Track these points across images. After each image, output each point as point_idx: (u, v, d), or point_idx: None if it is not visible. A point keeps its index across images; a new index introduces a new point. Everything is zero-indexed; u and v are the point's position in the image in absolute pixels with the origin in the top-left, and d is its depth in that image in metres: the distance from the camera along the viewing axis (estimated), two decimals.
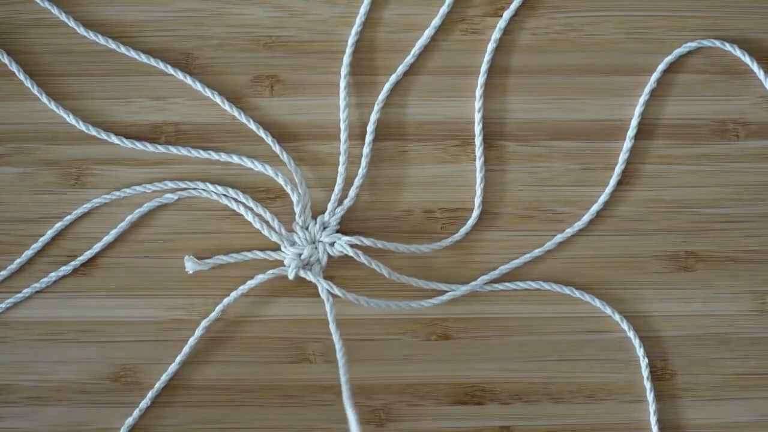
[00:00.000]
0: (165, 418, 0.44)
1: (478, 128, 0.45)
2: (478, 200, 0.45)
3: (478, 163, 0.45)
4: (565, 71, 0.46)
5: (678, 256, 0.45)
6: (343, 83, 0.45)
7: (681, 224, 0.45)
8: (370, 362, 0.44)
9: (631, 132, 0.45)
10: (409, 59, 0.45)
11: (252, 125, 0.44)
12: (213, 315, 0.44)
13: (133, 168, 0.45)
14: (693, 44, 0.45)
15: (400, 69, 0.45)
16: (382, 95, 0.45)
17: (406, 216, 0.45)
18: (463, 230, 0.45)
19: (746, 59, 0.45)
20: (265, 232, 0.44)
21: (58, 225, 0.44)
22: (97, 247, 0.44)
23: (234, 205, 0.44)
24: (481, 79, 0.45)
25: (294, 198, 0.44)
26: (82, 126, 0.44)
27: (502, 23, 0.45)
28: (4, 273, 0.44)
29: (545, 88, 0.46)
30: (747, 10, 0.46)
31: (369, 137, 0.45)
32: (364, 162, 0.45)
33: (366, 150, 0.45)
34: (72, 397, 0.44)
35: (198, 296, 0.44)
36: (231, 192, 0.44)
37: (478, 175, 0.45)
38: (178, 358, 0.44)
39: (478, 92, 0.45)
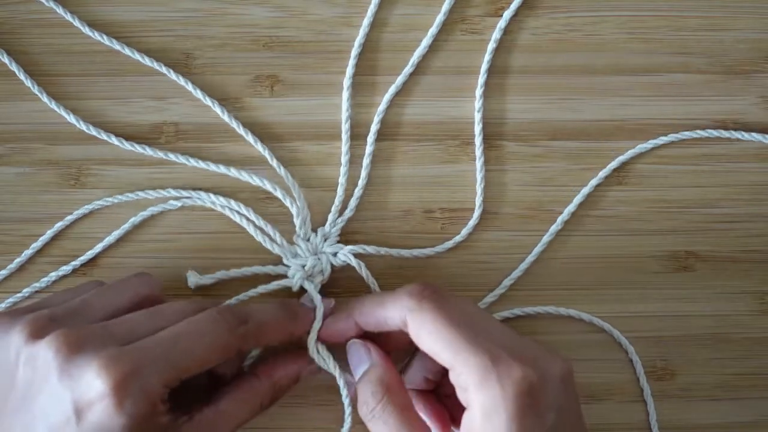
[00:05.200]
0: None
1: (478, 128, 0.45)
2: (479, 200, 0.45)
3: (479, 163, 0.45)
4: (565, 71, 0.46)
5: (678, 256, 0.45)
6: (347, 83, 0.45)
7: (681, 224, 0.45)
8: None
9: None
10: (414, 59, 0.45)
11: (249, 138, 0.44)
12: None
13: (134, 168, 0.45)
14: (666, 139, 0.45)
15: (407, 69, 0.45)
16: (387, 97, 0.45)
17: (406, 216, 0.45)
18: (465, 231, 0.45)
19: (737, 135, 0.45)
20: (267, 245, 0.44)
21: (59, 225, 0.44)
22: (97, 248, 0.44)
23: (237, 218, 0.44)
24: (482, 79, 0.45)
25: (293, 210, 0.44)
26: (82, 126, 0.44)
27: (502, 23, 0.45)
28: (4, 273, 0.44)
29: (545, 88, 0.46)
30: (747, 10, 0.46)
31: (369, 148, 0.45)
32: (363, 174, 0.45)
33: (366, 162, 0.45)
34: None
35: (198, 297, 0.44)
36: (234, 204, 0.44)
37: (479, 175, 0.45)
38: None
39: (478, 92, 0.45)
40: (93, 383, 0.34)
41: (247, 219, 0.44)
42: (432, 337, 0.36)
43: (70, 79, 0.45)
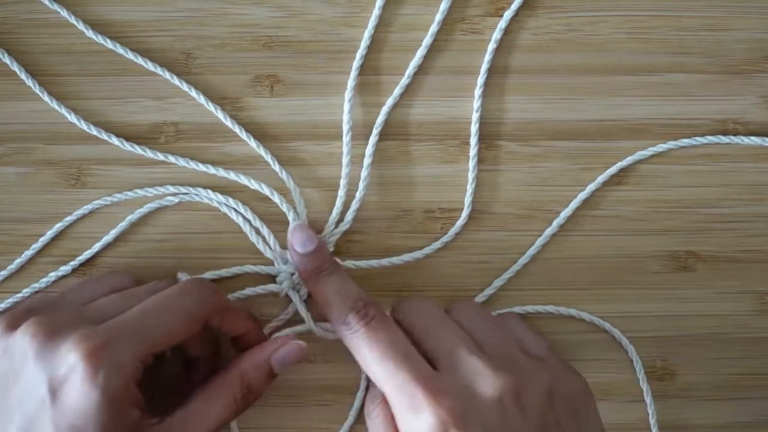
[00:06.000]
0: None
1: (474, 128, 0.45)
2: (468, 200, 0.45)
3: (471, 162, 0.45)
4: (565, 71, 0.46)
5: (678, 256, 0.45)
6: (351, 83, 0.45)
7: (681, 224, 0.45)
8: None
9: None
10: (417, 60, 0.45)
11: (252, 143, 0.44)
12: None
13: (134, 168, 0.45)
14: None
15: (411, 69, 0.45)
16: (392, 98, 0.45)
17: (406, 216, 0.45)
18: (452, 231, 0.45)
19: None
20: (260, 246, 0.44)
21: (59, 225, 0.44)
22: (96, 247, 0.44)
23: (233, 215, 0.44)
24: (481, 79, 0.45)
25: (290, 216, 0.44)
26: (83, 126, 0.44)
27: (502, 23, 0.45)
28: (4, 273, 0.44)
29: (545, 88, 0.46)
30: (747, 10, 0.46)
31: (368, 160, 0.44)
32: (362, 185, 0.44)
33: (364, 173, 0.44)
34: None
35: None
36: (231, 202, 0.44)
37: (471, 175, 0.45)
38: None
39: (477, 92, 0.45)
40: (67, 357, 0.34)
41: (244, 218, 0.44)
42: (362, 363, 0.38)
43: (69, 79, 0.45)
